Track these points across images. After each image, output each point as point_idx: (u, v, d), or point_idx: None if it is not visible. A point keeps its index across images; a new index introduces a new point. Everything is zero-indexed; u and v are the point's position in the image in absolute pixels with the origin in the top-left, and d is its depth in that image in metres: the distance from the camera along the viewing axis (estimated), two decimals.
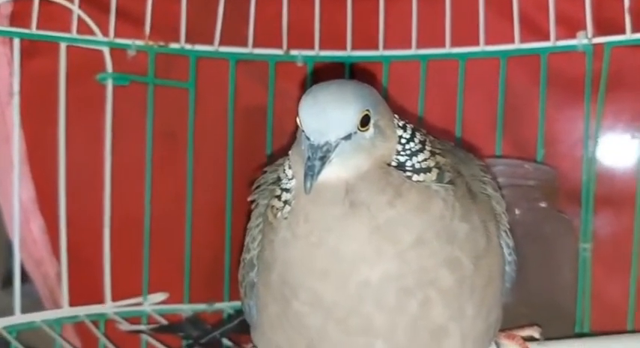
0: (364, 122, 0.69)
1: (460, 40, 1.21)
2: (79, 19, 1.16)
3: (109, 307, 1.21)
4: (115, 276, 1.21)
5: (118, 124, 1.20)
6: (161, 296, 1.23)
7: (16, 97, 1.14)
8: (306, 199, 0.69)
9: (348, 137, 0.68)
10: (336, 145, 0.67)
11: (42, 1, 1.13)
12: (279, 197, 0.74)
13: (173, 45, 1.22)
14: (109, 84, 1.19)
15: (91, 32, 1.17)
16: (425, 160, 0.72)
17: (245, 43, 1.25)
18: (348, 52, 1.28)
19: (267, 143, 1.28)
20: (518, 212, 1.08)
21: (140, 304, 1.23)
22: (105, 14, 1.17)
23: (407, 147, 0.72)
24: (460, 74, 1.22)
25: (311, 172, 0.66)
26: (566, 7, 1.15)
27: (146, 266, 1.22)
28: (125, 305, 1.22)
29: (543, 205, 1.11)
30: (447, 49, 1.22)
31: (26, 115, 1.15)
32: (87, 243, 1.21)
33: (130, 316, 1.21)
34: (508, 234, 0.80)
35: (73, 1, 1.15)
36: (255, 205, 0.82)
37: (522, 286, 0.92)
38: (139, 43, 1.20)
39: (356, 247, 0.69)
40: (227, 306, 1.26)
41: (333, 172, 0.68)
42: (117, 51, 1.19)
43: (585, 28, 1.13)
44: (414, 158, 0.72)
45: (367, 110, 0.69)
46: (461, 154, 0.80)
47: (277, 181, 0.76)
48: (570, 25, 1.15)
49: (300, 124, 0.69)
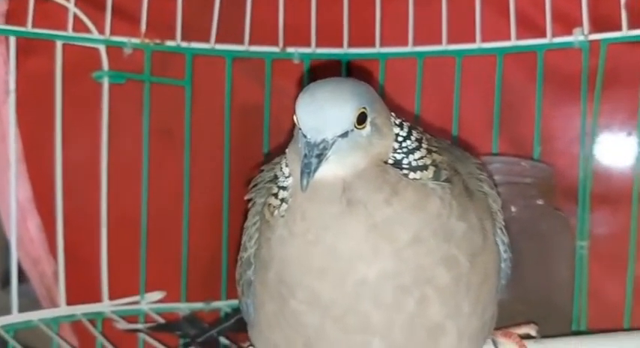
0: (361, 120, 0.69)
1: (456, 37, 1.21)
2: (75, 17, 1.16)
3: (106, 306, 1.21)
4: (112, 275, 1.21)
5: (115, 122, 1.20)
6: (158, 295, 1.23)
7: (12, 96, 1.14)
8: (303, 197, 0.69)
9: (344, 135, 0.68)
10: (333, 143, 0.67)
11: None
12: (276, 195, 0.74)
13: (169, 43, 1.22)
14: (105, 82, 1.19)
15: (87, 30, 1.17)
16: (421, 158, 0.72)
17: (241, 41, 1.25)
18: (345, 50, 1.27)
19: (264, 141, 1.28)
20: (514, 210, 1.08)
21: (137, 302, 1.23)
22: (101, 12, 1.17)
23: (403, 145, 0.72)
24: (457, 71, 1.22)
25: (307, 170, 0.66)
26: (562, 4, 1.15)
27: (143, 265, 1.22)
28: (122, 304, 1.22)
29: (540, 202, 1.11)
30: (444, 46, 1.22)
31: (22, 114, 1.15)
32: (84, 242, 1.21)
33: (128, 314, 1.21)
34: (504, 231, 0.80)
35: None
36: (252, 204, 0.82)
37: (519, 284, 0.92)
38: (135, 41, 1.19)
39: (353, 245, 0.69)
40: (224, 304, 1.26)
41: (329, 170, 0.68)
42: (113, 49, 1.19)
43: (581, 24, 1.13)
44: (411, 156, 0.72)
45: (364, 108, 0.69)
46: (457, 152, 0.81)
47: (274, 179, 0.76)
48: (567, 21, 1.15)
49: (297, 122, 0.69)
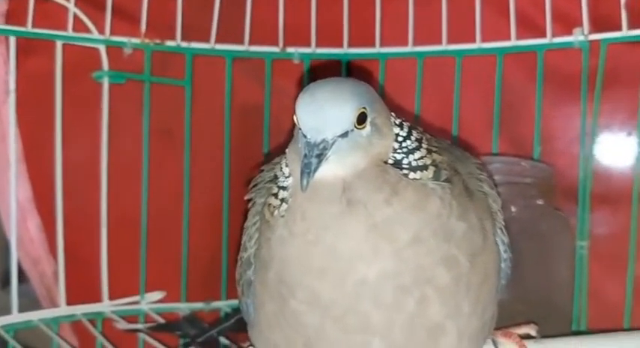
0: (361, 120, 0.69)
1: (456, 37, 1.21)
2: (75, 17, 1.16)
3: (106, 306, 1.21)
4: (112, 275, 1.21)
5: (115, 122, 1.20)
6: (158, 295, 1.23)
7: (12, 96, 1.14)
8: (303, 197, 0.69)
9: (344, 135, 0.68)
10: (333, 143, 0.67)
11: None
12: (276, 195, 0.74)
13: (169, 43, 1.22)
14: (105, 82, 1.19)
15: (87, 30, 1.17)
16: (421, 157, 0.72)
17: (241, 41, 1.25)
18: (345, 50, 1.27)
19: (264, 141, 1.28)
20: (514, 210, 1.08)
21: (137, 302, 1.23)
22: (101, 12, 1.17)
23: (403, 145, 0.72)
24: (457, 71, 1.22)
25: (307, 170, 0.66)
26: (562, 4, 1.15)
27: (143, 265, 1.22)
28: (122, 304, 1.22)
29: (540, 202, 1.11)
30: (444, 46, 1.22)
31: (22, 114, 1.15)
32: (84, 242, 1.21)
33: (128, 314, 1.21)
34: (504, 231, 0.80)
35: None
36: (252, 204, 0.82)
37: (519, 284, 0.92)
38: (135, 41, 1.19)
39: (353, 245, 0.69)
40: (224, 304, 1.25)
41: (329, 170, 0.68)
42: (113, 49, 1.19)
43: (581, 24, 1.13)
44: (411, 156, 0.72)
45: (364, 108, 0.69)
46: (457, 152, 0.80)
47: (274, 179, 0.76)
48: (567, 21, 1.15)
49: (297, 122, 0.69)
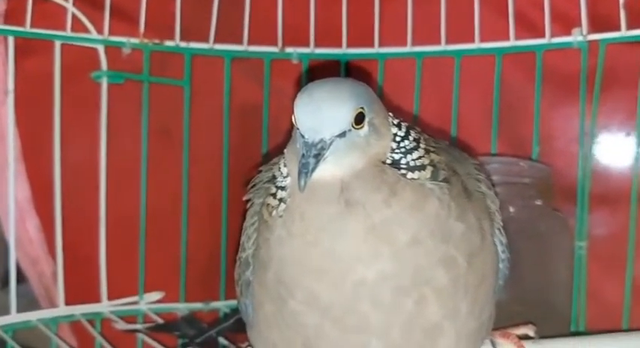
0: (358, 120, 0.69)
1: (455, 37, 1.21)
2: (74, 17, 1.16)
3: (105, 306, 1.21)
4: (111, 275, 1.21)
5: (113, 122, 1.20)
6: (157, 295, 1.23)
7: (11, 96, 1.13)
8: (302, 197, 0.69)
9: (342, 135, 0.68)
10: (331, 143, 0.67)
11: None
12: (275, 195, 0.74)
13: (168, 43, 1.22)
14: (104, 82, 1.19)
15: (86, 30, 1.17)
16: (419, 158, 0.72)
17: (240, 41, 1.25)
18: (344, 50, 1.27)
19: (263, 141, 1.28)
20: (513, 210, 1.07)
21: (136, 302, 1.23)
22: (99, 12, 1.17)
23: (401, 145, 0.72)
24: (455, 71, 1.22)
25: (305, 170, 0.66)
26: (561, 4, 1.15)
27: (142, 265, 1.22)
28: (121, 304, 1.22)
29: (538, 202, 1.11)
30: (443, 47, 1.22)
31: (21, 114, 1.15)
32: (83, 242, 1.21)
33: (126, 314, 1.21)
34: (502, 232, 0.80)
35: None
36: (251, 204, 0.82)
37: (517, 284, 0.92)
38: (134, 41, 1.19)
39: (352, 246, 0.69)
40: (223, 305, 1.25)
41: (327, 170, 0.68)
42: (112, 49, 1.19)
43: (580, 24, 1.13)
44: (409, 156, 0.71)
45: (361, 108, 0.69)
46: (456, 152, 0.80)
47: (272, 180, 0.76)
48: (565, 21, 1.15)
49: (295, 122, 0.69)
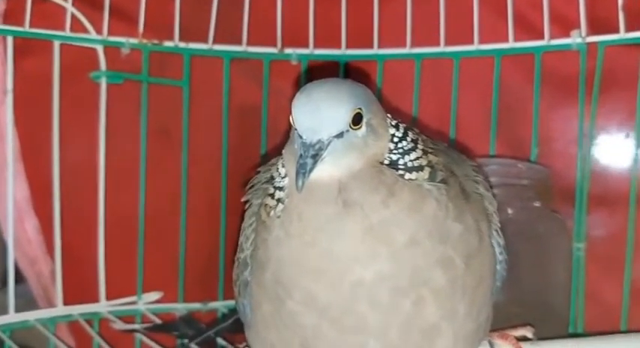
0: (356, 121, 0.69)
1: (454, 38, 1.21)
2: (73, 17, 1.16)
3: (103, 306, 1.20)
4: (109, 275, 1.21)
5: (112, 122, 1.20)
6: (155, 295, 1.23)
7: (10, 96, 1.13)
8: (299, 197, 0.69)
9: (340, 135, 0.68)
10: (329, 144, 0.67)
11: None
12: (273, 195, 0.74)
13: (167, 43, 1.22)
14: (103, 82, 1.19)
15: (85, 30, 1.17)
16: (417, 158, 0.72)
17: (239, 42, 1.25)
18: (343, 51, 1.28)
19: (262, 142, 1.28)
20: (511, 211, 1.08)
21: (134, 303, 1.23)
22: (98, 12, 1.17)
23: (399, 145, 0.72)
24: (454, 73, 1.22)
25: (303, 170, 0.66)
26: (560, 6, 1.15)
27: (140, 265, 1.22)
28: (119, 304, 1.22)
29: (537, 204, 1.11)
30: (442, 48, 1.22)
31: (20, 114, 1.15)
32: (81, 242, 1.21)
33: (124, 315, 1.21)
34: (499, 233, 0.80)
35: None
36: (249, 205, 0.81)
37: (515, 286, 0.92)
38: (133, 41, 1.19)
39: (349, 247, 0.69)
40: (221, 305, 1.25)
41: (325, 171, 0.68)
42: (110, 49, 1.19)
43: (579, 26, 1.13)
44: (407, 157, 0.71)
45: (359, 108, 0.68)
46: (454, 154, 0.80)
47: (270, 180, 0.76)
48: (564, 23, 1.15)
49: (293, 122, 0.69)
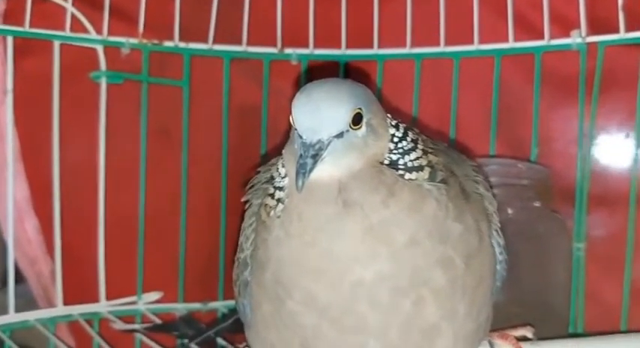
0: (356, 121, 0.69)
1: (454, 38, 1.21)
2: (73, 17, 1.16)
3: (103, 306, 1.20)
4: (109, 275, 1.21)
5: (112, 122, 1.20)
6: (155, 295, 1.23)
7: (10, 96, 1.13)
8: (299, 197, 0.69)
9: (340, 135, 0.68)
10: (329, 144, 0.67)
11: None
12: (273, 195, 0.74)
13: (167, 43, 1.22)
14: (103, 82, 1.19)
15: (85, 30, 1.17)
16: (417, 158, 0.72)
17: (239, 42, 1.25)
18: (343, 51, 1.28)
19: (262, 142, 1.28)
20: (511, 211, 1.08)
21: (134, 303, 1.23)
22: (98, 12, 1.17)
23: (399, 145, 0.72)
24: (454, 73, 1.22)
25: (303, 170, 0.66)
26: (560, 6, 1.15)
27: (140, 265, 1.22)
28: (119, 304, 1.22)
29: (537, 204, 1.11)
30: (442, 48, 1.22)
31: (20, 114, 1.15)
32: (81, 242, 1.21)
33: (124, 315, 1.21)
34: (499, 233, 0.80)
35: None
36: (249, 205, 0.81)
37: (515, 286, 0.92)
38: (133, 41, 1.19)
39: (349, 247, 0.69)
40: (221, 305, 1.25)
41: (325, 171, 0.68)
42: (110, 49, 1.19)
43: (579, 26, 1.13)
44: (407, 156, 0.71)
45: (359, 108, 0.68)
46: (454, 154, 0.80)
47: (270, 180, 0.76)
48: (564, 23, 1.15)
49: (293, 122, 0.69)
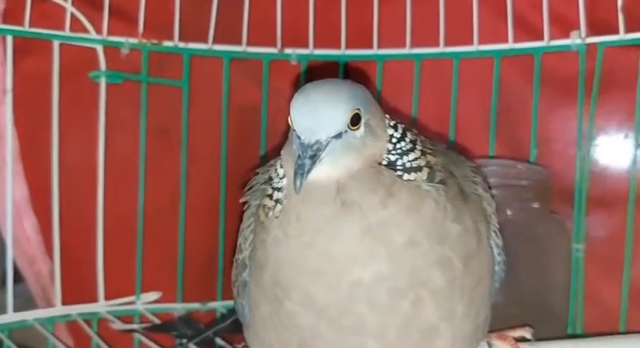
0: (355, 121, 0.69)
1: (454, 39, 1.21)
2: (73, 16, 1.16)
3: (101, 306, 1.20)
4: (108, 275, 1.21)
5: (112, 122, 1.20)
6: (154, 295, 1.23)
7: (9, 95, 1.13)
8: (298, 198, 0.69)
9: (338, 136, 0.68)
10: (327, 144, 0.67)
11: None
12: (271, 196, 0.74)
13: (166, 43, 1.21)
14: (103, 82, 1.19)
15: (85, 30, 1.17)
16: (416, 159, 0.72)
17: (239, 42, 1.25)
18: (342, 51, 1.27)
19: (261, 142, 1.28)
20: (510, 213, 1.08)
21: (133, 303, 1.22)
22: (98, 12, 1.17)
23: (398, 146, 0.72)
24: (454, 73, 1.22)
25: (301, 171, 0.66)
26: (559, 7, 1.15)
27: (139, 265, 1.22)
28: (118, 304, 1.21)
29: (536, 205, 1.11)
30: (441, 49, 1.22)
31: (19, 113, 1.15)
32: (80, 241, 1.21)
33: (123, 314, 1.21)
34: (497, 234, 0.80)
35: None
36: (248, 206, 0.82)
37: (514, 287, 0.92)
38: (133, 41, 1.19)
39: (348, 247, 0.69)
40: (220, 305, 1.25)
41: (323, 172, 0.68)
42: (110, 49, 1.19)
43: (579, 27, 1.13)
44: (405, 157, 0.71)
45: (358, 109, 0.69)
46: (452, 155, 0.80)
47: (269, 181, 0.76)
48: (564, 24, 1.15)
49: (292, 123, 0.69)
